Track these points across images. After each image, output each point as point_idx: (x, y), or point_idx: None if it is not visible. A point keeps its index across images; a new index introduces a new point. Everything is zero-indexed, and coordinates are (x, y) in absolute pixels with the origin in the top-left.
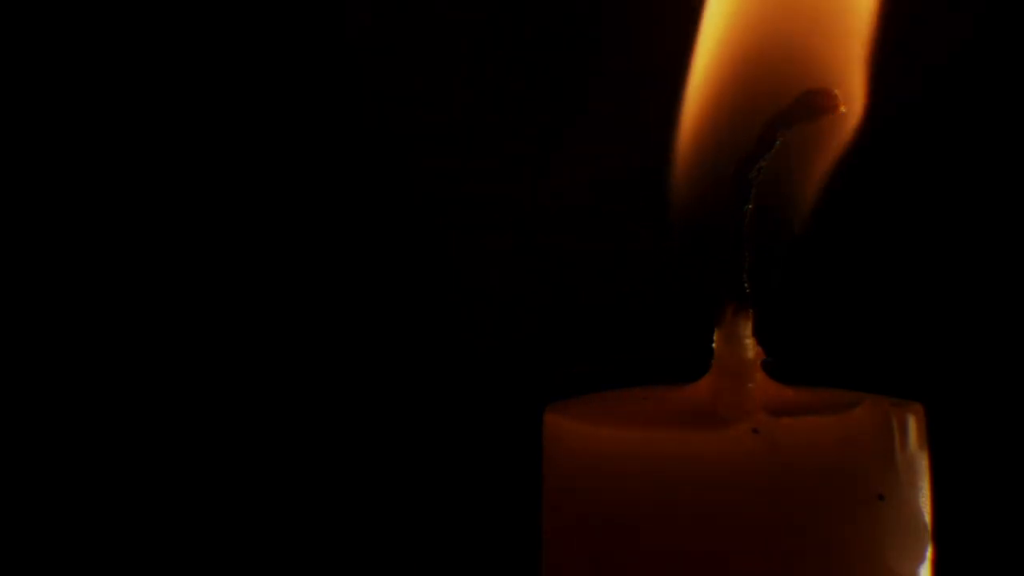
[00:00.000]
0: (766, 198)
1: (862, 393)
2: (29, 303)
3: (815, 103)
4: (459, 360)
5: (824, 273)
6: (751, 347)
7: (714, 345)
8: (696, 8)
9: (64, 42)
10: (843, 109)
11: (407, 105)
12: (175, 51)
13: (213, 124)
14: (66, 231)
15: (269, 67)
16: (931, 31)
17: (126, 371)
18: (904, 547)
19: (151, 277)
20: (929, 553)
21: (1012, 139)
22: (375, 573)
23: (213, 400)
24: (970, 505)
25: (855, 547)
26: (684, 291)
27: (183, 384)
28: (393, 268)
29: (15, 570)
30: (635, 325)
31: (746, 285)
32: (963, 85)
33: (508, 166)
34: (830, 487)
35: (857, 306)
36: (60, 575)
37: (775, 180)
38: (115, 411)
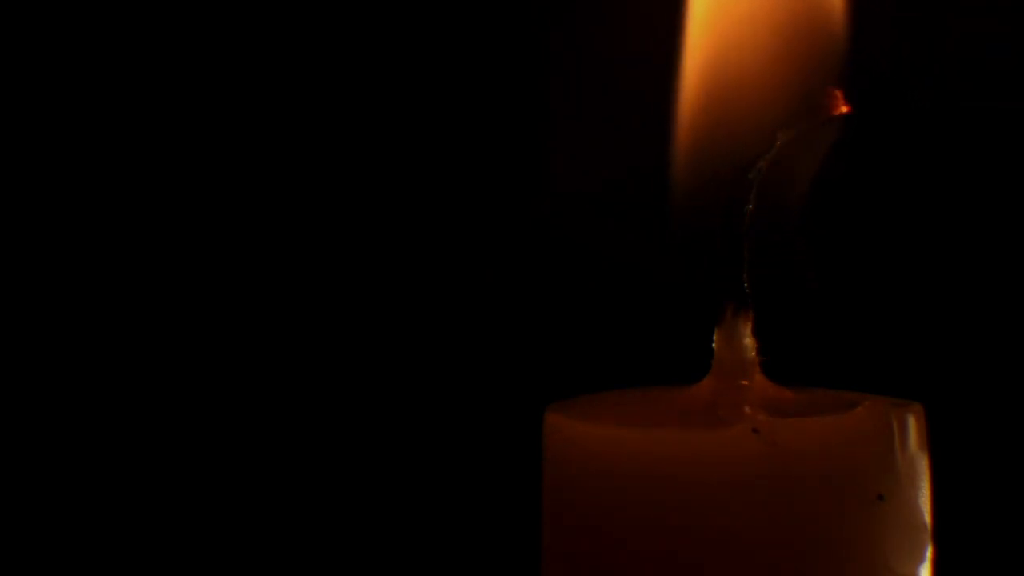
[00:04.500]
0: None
1: (862, 393)
2: (29, 303)
3: (817, 103)
4: (459, 360)
5: (823, 273)
6: (751, 347)
7: (714, 345)
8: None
9: (64, 42)
10: (845, 109)
11: (408, 104)
12: (177, 51)
13: (212, 124)
14: (66, 231)
15: (269, 67)
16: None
17: (127, 371)
18: (904, 547)
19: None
20: (929, 553)
21: (1011, 138)
22: (375, 573)
23: (213, 400)
24: (970, 505)
25: (855, 547)
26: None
27: (184, 384)
28: (393, 268)
29: (15, 570)
30: (635, 325)
31: (746, 285)
32: (961, 85)
33: (509, 166)
34: (830, 487)
35: (856, 306)
36: (60, 575)
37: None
38: (115, 411)
